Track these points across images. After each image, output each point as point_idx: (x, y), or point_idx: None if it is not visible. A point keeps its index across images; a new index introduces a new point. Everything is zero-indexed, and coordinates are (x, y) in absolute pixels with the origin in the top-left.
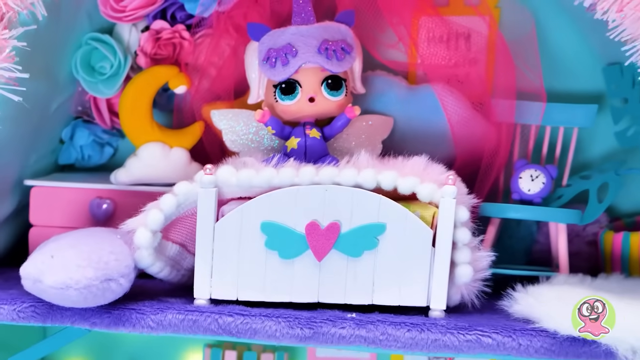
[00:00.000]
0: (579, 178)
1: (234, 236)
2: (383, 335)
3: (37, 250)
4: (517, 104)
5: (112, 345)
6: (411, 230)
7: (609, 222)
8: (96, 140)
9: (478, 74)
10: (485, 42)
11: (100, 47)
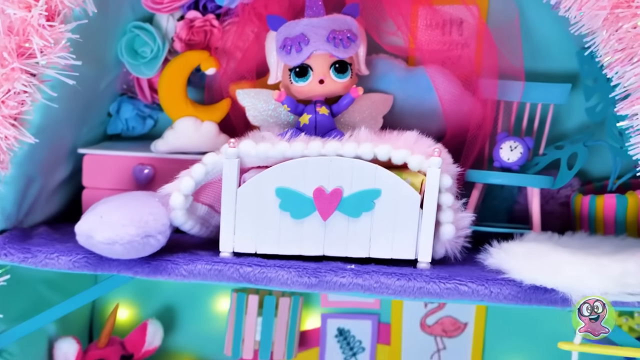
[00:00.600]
0: (554, 148)
1: (253, 199)
2: (377, 284)
3: (89, 211)
4: (500, 83)
5: (152, 289)
6: (402, 195)
7: (581, 185)
8: (139, 114)
9: (468, 56)
10: (475, 28)
11: (142, 34)
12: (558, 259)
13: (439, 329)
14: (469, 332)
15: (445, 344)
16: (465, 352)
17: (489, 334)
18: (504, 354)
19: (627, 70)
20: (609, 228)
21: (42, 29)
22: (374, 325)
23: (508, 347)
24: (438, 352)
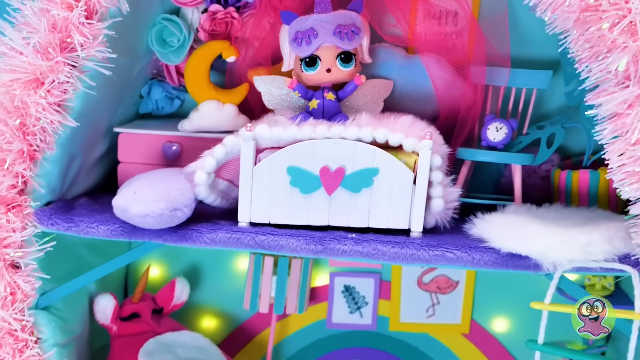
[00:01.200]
0: (536, 128)
1: (268, 177)
2: (374, 251)
3: (124, 187)
4: (489, 69)
5: (180, 251)
6: (398, 173)
7: (561, 160)
8: (167, 95)
9: (462, 45)
10: (470, 16)
11: (170, 25)
12: (532, 230)
13: (434, 287)
14: (460, 289)
15: (439, 300)
16: (457, 306)
17: (478, 291)
18: (490, 309)
19: (594, 67)
20: (583, 200)
21: (82, 26)
22: (377, 283)
23: (494, 303)
24: (433, 306)
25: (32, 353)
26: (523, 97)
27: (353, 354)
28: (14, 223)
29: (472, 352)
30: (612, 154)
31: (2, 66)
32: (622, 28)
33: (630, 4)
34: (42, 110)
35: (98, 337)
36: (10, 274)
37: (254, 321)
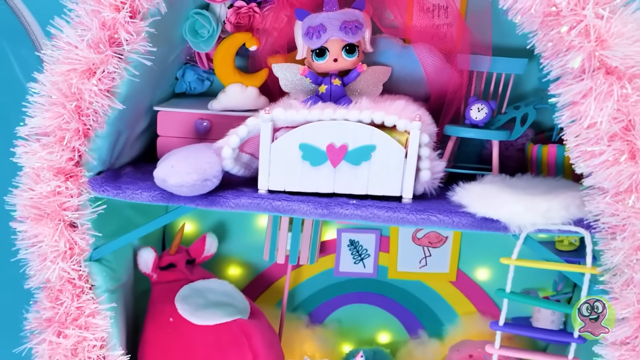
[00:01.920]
0: (512, 108)
1: (283, 151)
2: (371, 214)
3: (163, 160)
4: (473, 57)
5: (209, 213)
6: (392, 149)
7: (535, 135)
8: (199, 77)
9: (452, 34)
10: (457, 12)
11: (201, 19)
12: (502, 198)
13: (425, 241)
14: (448, 243)
15: (430, 252)
16: (446, 258)
17: (463, 245)
18: (474, 260)
19: (555, 62)
20: (551, 171)
21: (127, 25)
22: (377, 238)
23: (477, 255)
24: (425, 258)
25: (87, 297)
26: (502, 81)
27: (356, 297)
28: (72, 190)
29: (458, 297)
30: (569, 135)
31: (61, 58)
32: (578, 31)
33: (585, 12)
34: (94, 95)
35: (140, 283)
36: (69, 232)
37: (272, 270)
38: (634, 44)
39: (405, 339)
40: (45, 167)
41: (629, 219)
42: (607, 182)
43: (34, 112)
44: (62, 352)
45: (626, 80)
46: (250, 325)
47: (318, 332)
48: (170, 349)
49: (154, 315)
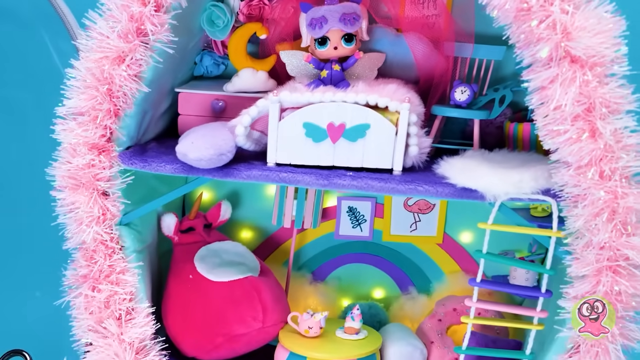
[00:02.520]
0: (492, 90)
1: (289, 129)
2: (365, 184)
3: (184, 137)
4: (457, 44)
5: (224, 182)
6: (384, 127)
7: (513, 114)
8: (214, 62)
9: (440, 24)
10: (444, 4)
11: (217, 10)
12: (480, 171)
13: (416, 208)
14: (436, 210)
15: (420, 218)
16: (433, 223)
17: (449, 211)
18: (458, 225)
19: (527, 52)
20: (525, 146)
21: (152, 17)
22: (373, 205)
23: (461, 220)
24: (415, 222)
25: (118, 257)
26: (483, 66)
27: (354, 258)
28: (104, 163)
29: (444, 257)
30: (538, 116)
31: (94, 47)
32: (547, 25)
33: (552, 8)
34: (123, 80)
35: (163, 245)
36: (102, 199)
37: (279, 233)
38: (594, 36)
39: (397, 295)
40: (81, 142)
41: (589, 189)
42: (570, 157)
43: (71, 94)
44: (96, 304)
45: (588, 68)
46: (260, 282)
47: (320, 288)
48: (189, 302)
49: (176, 272)
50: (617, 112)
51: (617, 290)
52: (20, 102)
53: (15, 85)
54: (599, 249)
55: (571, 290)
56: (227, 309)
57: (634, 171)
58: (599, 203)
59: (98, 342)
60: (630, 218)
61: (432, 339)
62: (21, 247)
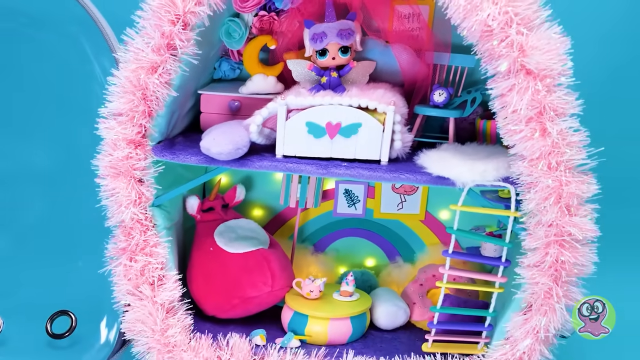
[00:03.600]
0: (465, 92)
1: (294, 127)
2: (357, 173)
3: (207, 134)
4: (436, 54)
5: (239, 171)
6: (373, 126)
7: (484, 112)
8: (231, 67)
9: (421, 36)
10: (426, 19)
11: (233, 24)
12: (452, 162)
13: (402, 190)
14: (419, 192)
15: (405, 198)
16: (417, 202)
17: (430, 193)
18: (438, 204)
19: (489, 66)
20: (493, 140)
21: (180, 34)
22: (365, 188)
23: (440, 200)
24: (401, 202)
25: (151, 233)
26: (458, 72)
27: (349, 232)
28: (140, 155)
29: (426, 232)
30: (500, 118)
31: (131, 59)
32: (506, 44)
33: (510, 30)
34: (156, 86)
35: (187, 222)
36: (137, 185)
37: (286, 212)
38: (545, 54)
39: (386, 263)
40: (120, 138)
41: (539, 178)
42: (525, 151)
43: (112, 98)
44: (134, 272)
45: (539, 80)
46: (269, 253)
47: (320, 258)
48: (210, 270)
49: (198, 245)
50: (562, 115)
51: (562, 260)
52: (68, 103)
53: (63, 88)
54: (547, 226)
55: (525, 260)
56: (242, 276)
57: (576, 163)
58: (547, 189)
59: (135, 303)
60: (573, 201)
61: (414, 300)
62: (69, 225)
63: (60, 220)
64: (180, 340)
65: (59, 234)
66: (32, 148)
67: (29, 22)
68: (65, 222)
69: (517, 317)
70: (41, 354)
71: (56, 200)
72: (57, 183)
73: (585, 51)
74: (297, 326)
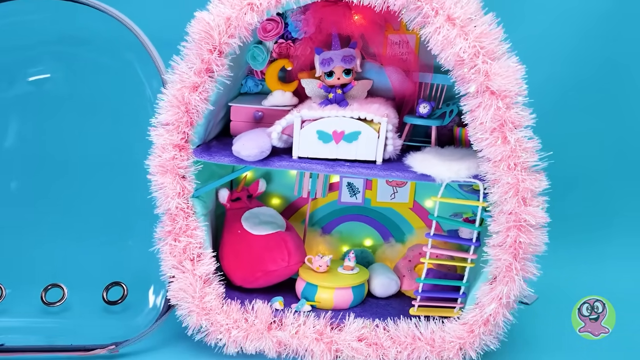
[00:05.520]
0: (445, 105)
1: (307, 134)
2: (357, 171)
3: (237, 139)
4: (421, 74)
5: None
6: (370, 134)
7: (460, 121)
8: (255, 83)
9: (409, 60)
10: (414, 45)
11: (257, 50)
12: (433, 162)
13: (394, 183)
14: (408, 185)
15: (397, 190)
16: (407, 193)
17: (417, 187)
18: (424, 194)
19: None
20: (467, 144)
21: (217, 60)
22: (364, 181)
23: (426, 191)
24: (394, 193)
25: (192, 219)
26: (439, 88)
27: (351, 217)
28: (183, 156)
29: (414, 217)
30: (470, 128)
31: (177, 80)
32: (474, 70)
33: (477, 60)
34: (196, 102)
35: (218, 209)
36: (181, 181)
37: (299, 201)
38: (505, 78)
39: (381, 243)
40: (167, 143)
41: (501, 176)
42: (490, 155)
43: (161, 111)
44: (177, 251)
45: (500, 99)
46: (286, 235)
47: (327, 238)
48: (238, 249)
49: (228, 229)
50: (519, 126)
51: (520, 241)
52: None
53: (120, 103)
54: (508, 214)
55: (491, 240)
56: (264, 253)
57: (530, 164)
58: (508, 185)
59: (178, 275)
60: (527, 195)
61: (403, 273)
62: (125, 212)
63: (118, 208)
64: (215, 305)
65: (116, 219)
66: (97, 150)
67: (93, 48)
68: (122, 210)
69: (485, 287)
70: (99, 317)
71: (115, 192)
72: (116, 179)
73: (536, 76)
74: (308, 294)
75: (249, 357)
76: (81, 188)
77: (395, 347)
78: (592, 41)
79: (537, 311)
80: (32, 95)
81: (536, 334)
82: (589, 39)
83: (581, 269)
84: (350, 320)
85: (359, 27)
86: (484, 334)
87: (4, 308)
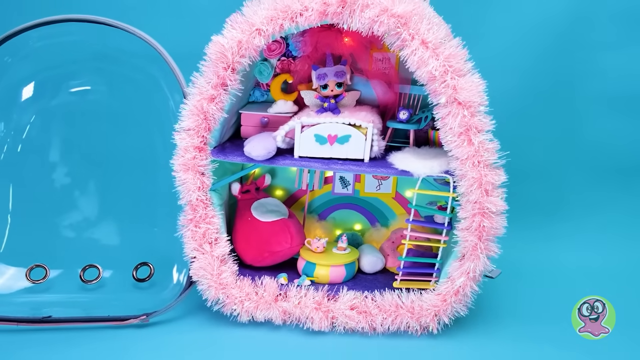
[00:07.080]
0: (421, 112)
1: (306, 137)
2: (348, 168)
3: (248, 142)
4: (401, 86)
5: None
6: (359, 137)
7: (434, 124)
8: (261, 94)
9: (391, 74)
10: (394, 62)
11: (263, 66)
12: (411, 160)
13: (379, 177)
14: (391, 179)
15: (382, 182)
16: (390, 184)
17: (398, 180)
18: (405, 185)
19: (434, 98)
20: (439, 145)
21: (230, 76)
22: (354, 176)
23: (405, 184)
24: (379, 185)
25: (210, 209)
26: (416, 98)
27: (343, 205)
28: (202, 156)
29: (396, 205)
30: (441, 132)
31: (196, 92)
32: (445, 85)
33: (447, 76)
34: (213, 111)
35: (231, 200)
36: (200, 177)
37: (299, 192)
38: (469, 91)
39: (369, 227)
40: (189, 145)
41: (467, 172)
42: (458, 154)
43: (183, 118)
44: (198, 236)
45: (466, 108)
46: (289, 221)
47: (323, 224)
48: (249, 234)
49: (240, 216)
50: (482, 131)
51: (483, 225)
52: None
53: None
54: (473, 203)
55: (459, 225)
56: (270, 237)
57: (491, 162)
58: (472, 179)
59: (199, 256)
60: (489, 187)
61: (388, 253)
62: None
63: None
64: (230, 281)
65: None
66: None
67: (124, 65)
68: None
69: (455, 263)
70: (130, 292)
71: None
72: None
73: (496, 89)
74: (308, 271)
75: (259, 325)
76: (115, 184)
77: (381, 314)
78: (545, 59)
79: (499, 284)
80: (74, 104)
81: (499, 302)
82: (542, 57)
83: (535, 247)
84: (344, 293)
85: (349, 47)
86: (455, 302)
87: (49, 286)
